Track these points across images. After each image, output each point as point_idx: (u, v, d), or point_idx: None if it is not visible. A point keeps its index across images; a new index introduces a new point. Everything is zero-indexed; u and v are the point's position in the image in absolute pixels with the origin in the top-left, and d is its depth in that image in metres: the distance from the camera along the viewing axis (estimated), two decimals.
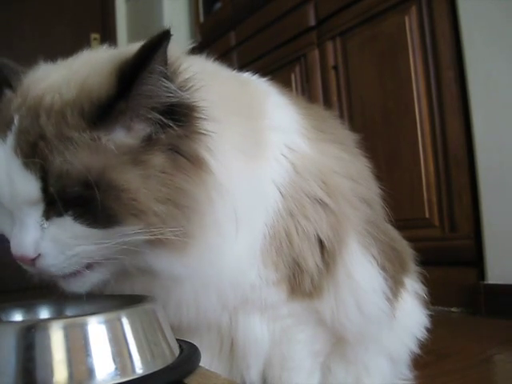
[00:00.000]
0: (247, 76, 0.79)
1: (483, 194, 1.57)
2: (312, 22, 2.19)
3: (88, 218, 0.53)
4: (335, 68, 2.10)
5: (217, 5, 2.98)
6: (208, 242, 0.58)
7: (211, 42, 2.85)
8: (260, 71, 0.82)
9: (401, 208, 1.72)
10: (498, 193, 1.53)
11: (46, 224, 0.54)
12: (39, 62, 0.66)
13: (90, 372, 0.47)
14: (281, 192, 0.66)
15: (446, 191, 1.69)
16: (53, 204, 0.53)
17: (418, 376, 0.90)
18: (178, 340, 0.60)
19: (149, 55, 0.52)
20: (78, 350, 0.48)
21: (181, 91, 0.55)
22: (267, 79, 0.79)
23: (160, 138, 0.55)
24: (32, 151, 0.52)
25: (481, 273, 1.58)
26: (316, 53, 2.18)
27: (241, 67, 0.73)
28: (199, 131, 0.57)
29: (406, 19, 1.79)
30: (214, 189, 0.57)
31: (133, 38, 3.65)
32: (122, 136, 0.55)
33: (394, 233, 0.83)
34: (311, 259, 0.66)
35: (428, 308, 0.86)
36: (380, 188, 0.82)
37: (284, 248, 0.65)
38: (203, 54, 0.76)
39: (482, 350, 1.15)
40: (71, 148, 0.52)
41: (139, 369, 0.50)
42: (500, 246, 1.53)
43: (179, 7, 3.30)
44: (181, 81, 0.56)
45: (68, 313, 0.63)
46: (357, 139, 0.83)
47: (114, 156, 0.53)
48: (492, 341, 1.24)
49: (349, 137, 0.83)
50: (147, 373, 0.50)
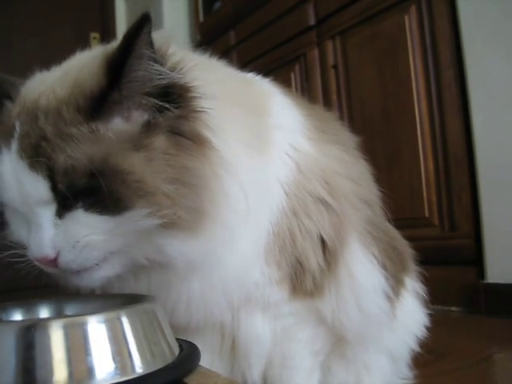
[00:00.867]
0: (251, 76, 0.80)
1: (483, 194, 1.57)
2: (312, 22, 2.19)
3: (98, 207, 0.53)
4: (335, 67, 2.10)
5: (216, 4, 2.97)
6: (220, 218, 0.58)
7: (211, 42, 2.85)
8: (260, 70, 0.82)
9: (401, 207, 1.72)
10: (498, 192, 1.53)
11: (60, 221, 0.55)
12: (35, 72, 0.67)
13: (90, 371, 0.47)
14: (285, 190, 0.66)
15: (446, 191, 1.69)
16: (64, 201, 0.54)
17: (418, 375, 0.90)
18: (178, 339, 0.60)
19: (132, 40, 0.52)
20: (78, 350, 0.48)
21: (171, 72, 0.56)
22: (270, 80, 0.80)
23: (158, 122, 0.56)
24: (36, 152, 0.53)
25: (480, 272, 1.58)
26: (316, 52, 2.18)
27: (241, 66, 0.74)
28: (196, 110, 0.57)
29: (406, 18, 1.79)
30: (220, 164, 0.57)
31: None
32: (120, 124, 0.55)
33: (394, 232, 0.83)
34: (313, 258, 0.66)
35: (428, 307, 0.86)
36: (380, 187, 0.82)
37: (287, 247, 0.66)
38: (206, 53, 0.77)
39: (482, 349, 1.15)
40: (72, 143, 0.53)
41: (139, 368, 0.50)
42: (500, 246, 1.53)
43: (179, 6, 3.30)
44: (171, 64, 0.56)
45: (68, 312, 0.63)
46: (357, 141, 0.84)
47: (115, 144, 0.54)
48: (492, 340, 1.24)
49: (350, 138, 0.83)
50: (147, 372, 0.50)
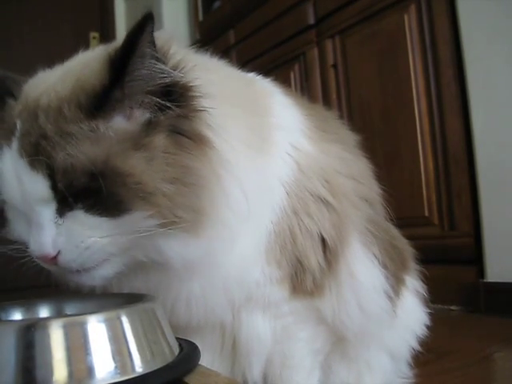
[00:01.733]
0: (252, 75, 0.80)
1: (483, 193, 1.57)
2: (311, 21, 2.18)
3: (99, 208, 0.53)
4: (334, 66, 2.10)
5: (216, 3, 2.97)
6: (220, 218, 0.58)
7: (210, 41, 2.85)
8: (259, 70, 0.82)
9: (400, 206, 1.71)
10: (498, 191, 1.53)
11: (61, 220, 0.55)
12: (37, 70, 0.67)
13: (90, 371, 0.47)
14: (286, 190, 0.66)
15: (446, 190, 1.69)
16: (64, 200, 0.54)
17: (418, 374, 0.90)
18: (178, 339, 0.60)
19: (135, 39, 0.52)
20: (78, 349, 0.48)
21: (173, 71, 0.56)
22: (270, 79, 0.80)
23: (159, 120, 0.56)
24: (35, 151, 0.53)
25: (480, 271, 1.58)
26: (315, 51, 2.18)
27: (240, 66, 0.73)
28: (197, 109, 0.57)
29: (406, 17, 1.79)
30: (220, 164, 0.57)
31: None
32: (121, 123, 0.55)
33: (395, 231, 0.83)
34: (314, 258, 0.66)
35: (428, 306, 0.86)
36: (379, 187, 0.82)
37: (287, 246, 0.65)
38: (207, 52, 0.76)
39: (482, 348, 1.15)
40: (72, 142, 0.53)
41: (139, 367, 0.50)
42: (499, 245, 1.53)
43: (178, 6, 3.30)
44: (173, 63, 0.56)
45: (68, 312, 0.63)
46: (357, 139, 0.84)
47: (116, 143, 0.54)
48: (492, 339, 1.24)
49: (350, 137, 0.84)
50: (147, 371, 0.50)
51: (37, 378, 0.45)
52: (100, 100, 0.54)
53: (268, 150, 0.66)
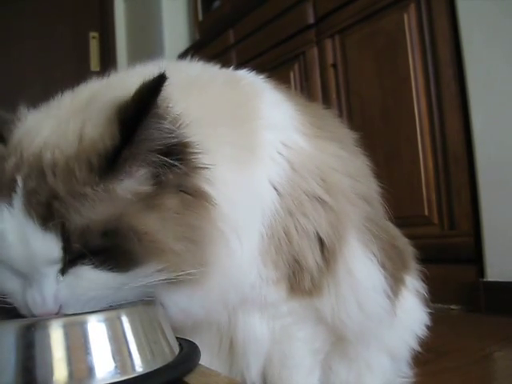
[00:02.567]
0: (242, 74, 0.78)
1: (482, 192, 1.57)
2: (311, 20, 2.18)
3: (109, 264, 0.53)
4: (334, 66, 2.10)
5: (215, 3, 2.98)
6: (221, 265, 0.59)
7: (210, 41, 2.85)
8: (259, 69, 0.82)
9: (400, 206, 1.72)
10: (498, 190, 1.53)
11: (62, 278, 0.53)
12: (21, 110, 0.65)
13: (90, 370, 0.47)
14: (278, 190, 0.65)
15: (446, 189, 1.69)
16: (73, 260, 0.53)
17: (418, 373, 0.90)
18: (178, 338, 0.60)
19: (149, 100, 0.51)
20: (78, 349, 0.48)
21: (177, 129, 0.55)
22: (264, 76, 0.79)
23: (168, 180, 0.56)
24: (48, 212, 0.51)
25: (480, 270, 1.58)
26: (315, 51, 2.18)
27: (239, 65, 0.73)
28: (197, 166, 0.57)
29: (405, 17, 1.79)
30: (220, 219, 0.58)
31: (131, 36, 3.65)
32: (134, 183, 0.55)
33: (395, 230, 0.83)
34: (311, 257, 0.66)
35: (428, 306, 0.86)
36: (379, 186, 0.82)
37: (283, 246, 0.65)
38: (191, 58, 0.76)
39: (482, 348, 1.15)
40: (87, 203, 0.52)
41: (139, 367, 0.50)
42: (499, 244, 1.53)
43: (178, 5, 3.30)
44: (173, 117, 0.55)
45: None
46: (356, 138, 0.83)
47: (129, 203, 0.53)
48: (492, 338, 1.24)
49: (348, 135, 0.82)
50: (147, 371, 0.50)
51: (37, 378, 0.46)
52: (112, 161, 0.53)
53: (256, 156, 0.65)
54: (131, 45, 3.66)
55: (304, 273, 0.66)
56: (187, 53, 2.88)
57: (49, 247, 0.52)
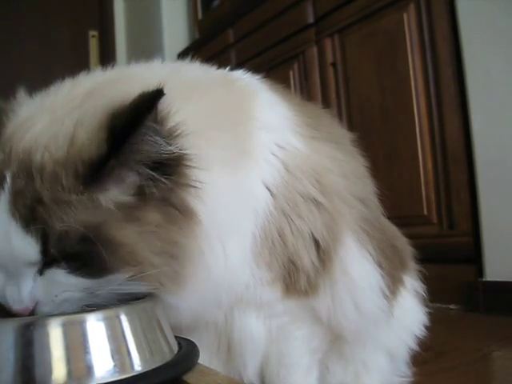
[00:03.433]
0: (237, 75, 0.77)
1: (482, 191, 1.57)
2: (310, 19, 2.18)
3: (83, 270, 0.53)
4: (334, 65, 2.10)
5: (215, 2, 2.98)
6: (200, 275, 0.59)
7: (209, 40, 2.85)
8: (258, 69, 0.82)
9: (399, 205, 1.72)
10: (497, 190, 1.53)
11: (40, 277, 0.54)
12: (19, 97, 0.65)
13: (89, 369, 0.47)
14: (271, 192, 0.65)
15: (445, 188, 1.69)
16: (50, 262, 0.53)
17: (417, 373, 0.90)
18: (177, 337, 0.60)
19: (142, 114, 0.51)
20: (77, 348, 0.48)
21: (169, 141, 0.54)
22: (260, 77, 0.78)
23: (153, 193, 0.55)
24: (31, 216, 0.52)
25: (479, 270, 1.58)
26: (314, 50, 2.18)
27: (239, 65, 0.73)
28: (189, 183, 0.57)
29: (405, 16, 1.79)
30: (203, 236, 0.58)
31: (131, 35, 3.65)
32: (117, 193, 0.54)
33: (394, 230, 0.83)
34: (306, 258, 0.66)
35: (426, 305, 0.86)
36: (378, 185, 0.81)
37: (277, 248, 0.65)
38: (185, 59, 0.75)
39: (481, 347, 1.16)
40: (69, 211, 0.52)
41: (138, 366, 0.50)
42: (498, 243, 1.53)
43: (177, 4, 3.30)
44: (168, 128, 0.55)
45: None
46: (353, 138, 0.82)
47: (111, 213, 0.53)
48: (490, 338, 1.24)
49: (344, 135, 0.82)
50: (146, 370, 0.50)
51: (36, 377, 0.46)
52: (97, 170, 0.53)
53: (250, 159, 0.65)
54: (131, 43, 3.66)
55: (300, 273, 0.66)
56: (187, 51, 2.88)
57: (28, 249, 0.52)
